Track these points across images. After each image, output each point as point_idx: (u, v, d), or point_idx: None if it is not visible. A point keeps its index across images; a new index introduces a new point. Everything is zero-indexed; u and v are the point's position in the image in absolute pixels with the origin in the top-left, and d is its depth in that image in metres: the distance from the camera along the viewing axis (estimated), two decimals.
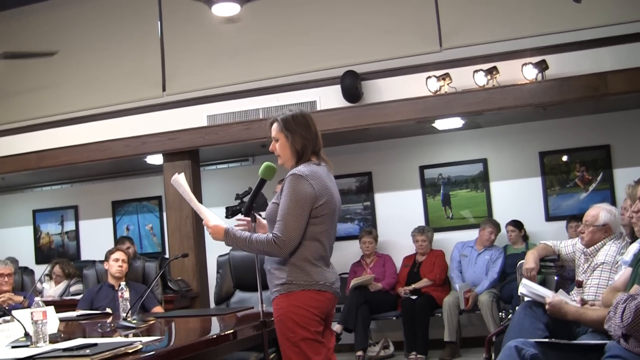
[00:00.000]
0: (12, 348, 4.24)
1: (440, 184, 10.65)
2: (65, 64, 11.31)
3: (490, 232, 9.80)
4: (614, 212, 5.89)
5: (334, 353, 4.68)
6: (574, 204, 9.96)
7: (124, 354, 3.76)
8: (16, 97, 11.56)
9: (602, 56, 9.01)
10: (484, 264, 9.75)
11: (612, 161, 9.92)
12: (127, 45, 11.11)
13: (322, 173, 4.56)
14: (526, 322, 5.26)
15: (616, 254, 5.64)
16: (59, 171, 11.22)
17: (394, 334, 10.20)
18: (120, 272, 7.52)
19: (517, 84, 8.85)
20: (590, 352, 4.36)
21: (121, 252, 7.74)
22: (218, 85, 10.57)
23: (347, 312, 9.50)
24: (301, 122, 4.63)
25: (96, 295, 7.55)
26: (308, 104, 10.03)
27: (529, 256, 6.23)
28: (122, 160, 10.58)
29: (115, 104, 11.00)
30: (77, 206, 12.64)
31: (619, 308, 4.04)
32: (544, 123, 10.04)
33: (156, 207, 12.09)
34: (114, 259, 7.58)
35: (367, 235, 10.30)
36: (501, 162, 10.38)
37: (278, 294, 4.45)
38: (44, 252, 12.81)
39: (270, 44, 10.39)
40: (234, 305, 7.11)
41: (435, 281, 9.84)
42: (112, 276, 7.55)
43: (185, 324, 5.95)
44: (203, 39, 10.74)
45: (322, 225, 4.50)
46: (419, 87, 9.33)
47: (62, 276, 10.66)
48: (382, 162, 10.84)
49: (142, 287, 7.25)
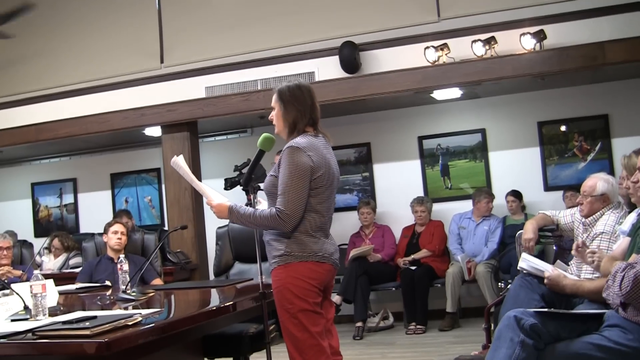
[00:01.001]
0: (12, 321, 4.25)
1: (439, 155, 10.65)
2: (63, 36, 11.29)
3: (487, 202, 9.82)
4: (611, 181, 5.89)
5: (333, 324, 4.70)
6: (573, 173, 9.97)
7: (123, 327, 3.76)
8: (14, 69, 11.52)
9: (601, 25, 8.97)
10: (483, 235, 9.77)
11: (610, 131, 9.92)
12: (125, 17, 11.06)
13: (319, 144, 4.55)
14: (522, 294, 5.30)
15: (615, 223, 5.65)
16: (58, 144, 11.24)
17: (393, 304, 10.24)
18: (119, 244, 7.55)
19: (516, 54, 8.83)
20: (589, 321, 4.36)
21: (120, 225, 7.73)
22: (216, 57, 10.53)
23: (346, 283, 9.53)
24: (296, 94, 4.63)
25: (95, 268, 7.57)
26: (306, 74, 10.00)
27: (527, 226, 6.24)
28: (121, 133, 10.60)
29: (113, 76, 10.95)
30: (75, 179, 12.65)
31: (617, 276, 4.04)
32: (543, 93, 10.04)
33: (155, 179, 12.09)
34: (112, 231, 7.60)
35: (366, 206, 10.31)
36: (500, 132, 10.38)
37: (276, 265, 4.46)
38: (42, 225, 12.83)
39: (268, 15, 10.35)
40: (233, 277, 7.10)
41: (434, 252, 9.87)
42: (111, 249, 7.58)
43: (185, 296, 5.95)
44: (201, 10, 10.69)
45: (321, 196, 4.51)
46: (417, 58, 9.30)
47: (61, 249, 10.68)
48: (380, 132, 10.84)
49: (142, 260, 7.25)
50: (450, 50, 9.24)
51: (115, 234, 7.59)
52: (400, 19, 9.73)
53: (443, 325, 9.48)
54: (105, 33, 11.07)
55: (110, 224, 7.75)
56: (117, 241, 7.55)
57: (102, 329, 3.61)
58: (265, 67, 10.36)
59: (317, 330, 4.39)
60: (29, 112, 11.23)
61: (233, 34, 10.48)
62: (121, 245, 7.58)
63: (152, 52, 10.79)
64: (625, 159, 5.07)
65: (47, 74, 11.33)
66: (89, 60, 11.09)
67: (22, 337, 3.77)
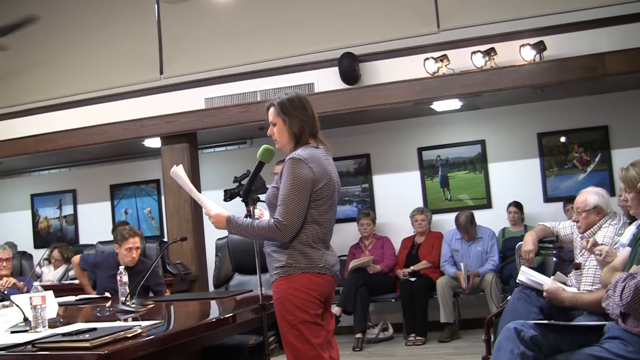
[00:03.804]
0: (11, 333, 4.24)
1: (438, 166, 10.65)
2: (62, 48, 11.30)
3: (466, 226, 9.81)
4: (601, 192, 5.90)
5: (333, 336, 4.69)
6: (572, 185, 9.95)
7: (123, 338, 3.76)
8: (14, 80, 11.53)
9: (600, 37, 8.99)
10: (478, 256, 9.74)
11: (610, 142, 9.92)
12: (124, 28, 11.08)
13: (320, 156, 4.55)
14: (520, 306, 5.31)
15: (614, 234, 5.65)
16: (57, 155, 11.23)
17: (393, 315, 10.23)
18: (132, 261, 7.13)
19: (515, 65, 8.83)
20: (589, 333, 4.37)
21: (136, 239, 7.21)
22: (216, 68, 10.54)
23: (346, 294, 9.53)
24: (297, 105, 4.62)
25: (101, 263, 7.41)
26: (306, 86, 10.01)
27: (527, 237, 6.23)
28: (120, 144, 10.59)
29: (113, 87, 10.95)
30: (75, 190, 12.65)
31: (618, 286, 4.05)
32: (542, 104, 10.05)
33: (154, 191, 12.09)
34: (126, 248, 7.14)
35: (365, 217, 10.31)
36: (499, 144, 10.39)
37: (278, 276, 4.46)
38: (42, 236, 12.83)
39: (267, 26, 10.36)
40: (233, 289, 7.12)
41: (434, 263, 9.86)
42: (122, 262, 7.08)
43: (185, 307, 5.95)
44: (200, 21, 10.71)
45: (322, 207, 4.50)
46: (416, 69, 9.31)
47: (60, 260, 10.68)
48: (380, 143, 10.84)
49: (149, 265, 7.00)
50: (450, 61, 9.24)
51: (129, 251, 7.13)
52: (399, 30, 9.74)
53: (442, 337, 9.48)
54: (105, 44, 11.07)
55: (124, 236, 7.17)
56: (130, 259, 7.11)
57: (101, 341, 3.61)
58: (265, 78, 10.36)
59: (318, 342, 4.39)
60: (28, 123, 11.23)
61: (232, 45, 10.49)
62: (134, 262, 7.15)
63: (151, 63, 10.79)
64: (623, 172, 5.07)
65: (47, 85, 11.34)
66: (88, 72, 11.10)
67: (21, 349, 3.77)
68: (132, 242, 7.14)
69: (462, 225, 9.72)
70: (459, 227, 9.78)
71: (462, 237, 9.85)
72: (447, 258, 9.83)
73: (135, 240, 7.17)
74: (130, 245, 7.12)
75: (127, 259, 7.10)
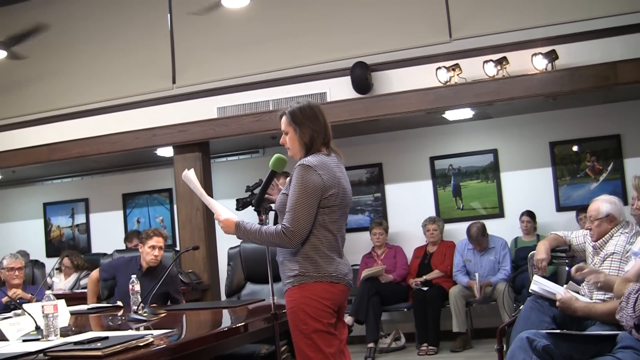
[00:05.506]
0: (24, 342, 4.25)
1: (450, 175, 10.64)
2: (75, 57, 11.30)
3: (478, 237, 9.81)
4: (614, 200, 5.88)
5: (346, 345, 4.68)
6: (585, 194, 9.92)
7: (135, 347, 3.76)
8: (27, 90, 11.54)
9: (612, 46, 8.97)
10: (491, 265, 9.71)
11: (622, 151, 9.90)
12: (137, 37, 11.08)
13: (331, 163, 4.55)
14: (532, 316, 5.28)
15: (626, 243, 5.62)
16: (70, 164, 11.26)
17: (405, 325, 10.21)
18: (154, 261, 7.12)
19: (527, 74, 8.82)
20: (601, 342, 4.36)
21: (159, 239, 7.19)
22: (228, 77, 10.54)
23: (358, 303, 9.51)
24: (309, 114, 4.62)
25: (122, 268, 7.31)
26: (318, 95, 10.02)
27: (539, 247, 6.21)
28: (133, 153, 10.61)
29: (125, 96, 10.96)
30: (87, 199, 12.68)
31: (631, 298, 4.04)
32: (554, 113, 10.03)
33: (167, 200, 12.10)
34: (150, 245, 7.13)
35: (378, 227, 10.30)
36: (511, 153, 10.37)
37: (291, 285, 4.45)
38: (54, 245, 12.85)
39: (280, 36, 10.36)
40: (245, 298, 7.12)
41: (446, 272, 9.85)
42: (144, 261, 7.15)
43: (196, 316, 5.95)
44: (213, 30, 10.71)
45: (333, 215, 4.50)
46: (429, 78, 9.31)
47: (71, 268, 10.69)
48: (392, 153, 10.84)
49: (173, 272, 7.09)
50: (462, 70, 9.25)
51: (152, 249, 7.11)
52: (411, 39, 9.73)
53: (455, 346, 9.44)
54: (118, 53, 11.08)
55: (149, 234, 7.18)
56: (152, 257, 7.10)
57: (113, 350, 3.62)
58: (277, 88, 10.36)
59: (331, 351, 4.38)
60: (41, 132, 11.26)
61: (245, 55, 10.49)
62: (157, 261, 7.15)
63: (164, 72, 10.80)
64: (636, 180, 5.06)
65: (60, 94, 11.34)
66: (101, 81, 11.10)
67: (33, 357, 3.78)
68: (155, 241, 7.12)
69: (474, 237, 9.71)
70: (470, 239, 9.76)
71: (474, 248, 9.83)
72: (460, 268, 9.81)
73: (159, 240, 7.14)
74: (154, 244, 7.11)
75: (149, 257, 7.09)
